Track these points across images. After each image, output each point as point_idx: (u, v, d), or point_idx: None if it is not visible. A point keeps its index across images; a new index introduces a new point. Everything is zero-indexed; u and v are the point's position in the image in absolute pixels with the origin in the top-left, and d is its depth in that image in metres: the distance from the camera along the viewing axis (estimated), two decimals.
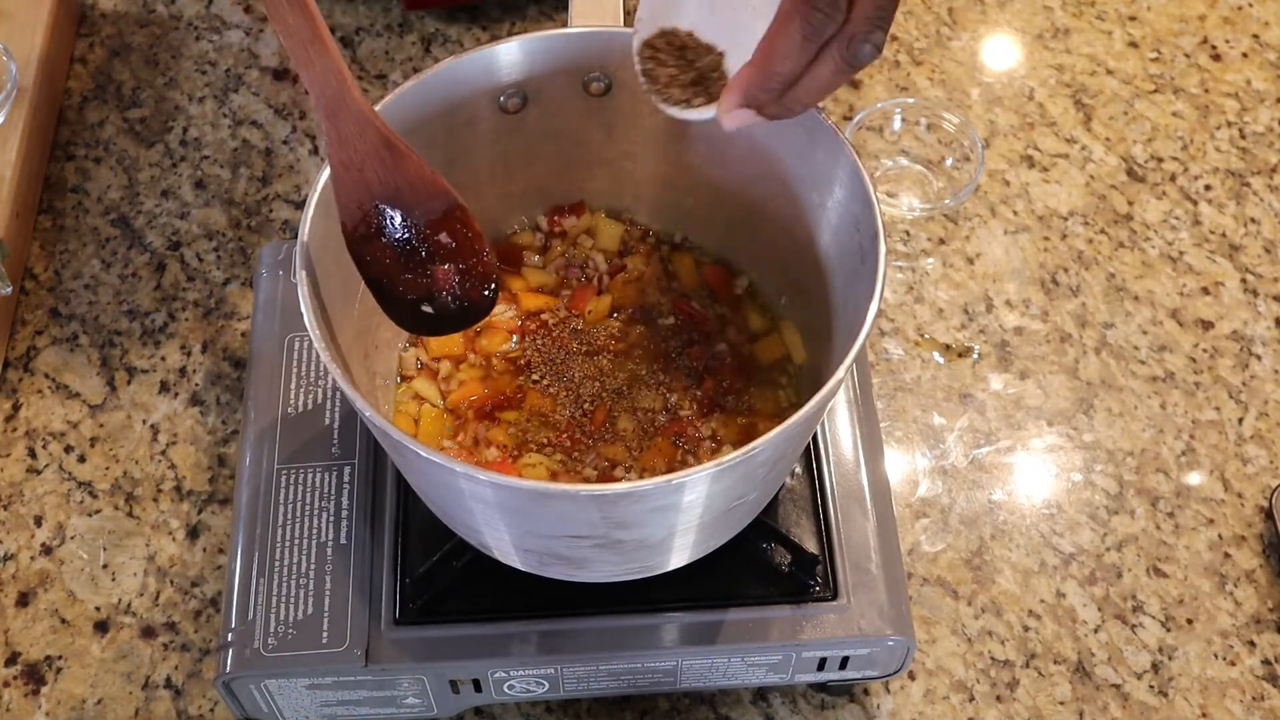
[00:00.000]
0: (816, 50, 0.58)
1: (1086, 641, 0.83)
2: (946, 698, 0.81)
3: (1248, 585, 0.85)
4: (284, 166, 1.02)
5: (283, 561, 0.74)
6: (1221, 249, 0.99)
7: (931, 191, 1.00)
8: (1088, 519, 0.87)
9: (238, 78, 1.07)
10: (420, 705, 0.75)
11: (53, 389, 0.92)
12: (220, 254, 0.98)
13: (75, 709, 0.80)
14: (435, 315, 0.69)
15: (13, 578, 0.84)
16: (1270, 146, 1.04)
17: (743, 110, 0.60)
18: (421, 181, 0.66)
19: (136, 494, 0.87)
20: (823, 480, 0.77)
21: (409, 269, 0.68)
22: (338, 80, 0.62)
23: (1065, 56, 1.09)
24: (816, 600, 0.73)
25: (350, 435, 0.78)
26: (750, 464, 0.61)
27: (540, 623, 0.73)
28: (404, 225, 0.67)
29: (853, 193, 0.68)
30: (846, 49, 0.57)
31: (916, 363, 0.93)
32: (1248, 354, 0.94)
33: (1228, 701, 0.81)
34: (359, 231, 0.67)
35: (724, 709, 0.80)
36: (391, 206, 0.67)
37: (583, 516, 0.62)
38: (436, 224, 0.68)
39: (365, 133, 0.64)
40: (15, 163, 0.95)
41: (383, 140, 0.64)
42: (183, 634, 0.83)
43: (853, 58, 0.58)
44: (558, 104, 0.76)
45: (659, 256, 0.83)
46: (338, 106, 0.63)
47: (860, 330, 0.62)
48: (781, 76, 0.59)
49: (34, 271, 0.97)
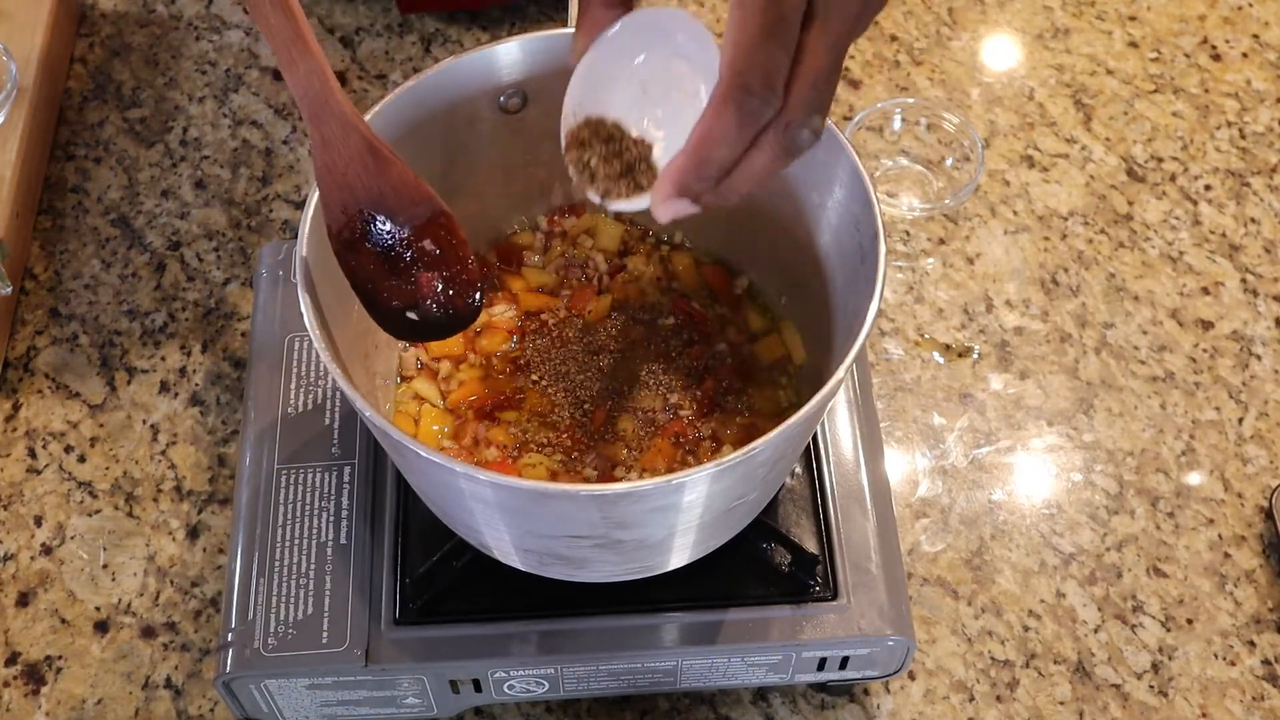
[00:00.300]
0: (753, 136, 0.55)
1: (1086, 641, 0.83)
2: (946, 698, 0.81)
3: (1248, 585, 0.85)
4: (284, 166, 1.02)
5: (283, 561, 0.74)
6: (1221, 249, 0.99)
7: (931, 191, 1.00)
8: (1088, 519, 0.87)
9: (238, 78, 1.07)
10: (420, 705, 0.75)
11: (53, 389, 0.92)
12: (220, 254, 0.98)
13: (75, 709, 0.80)
14: (420, 322, 0.68)
15: (13, 578, 0.84)
16: (1270, 146, 1.04)
17: (677, 200, 0.57)
18: (405, 187, 0.66)
19: (136, 494, 0.87)
20: (823, 480, 0.77)
21: (393, 275, 0.67)
22: (320, 82, 0.62)
23: (1065, 56, 1.09)
24: (816, 600, 0.73)
25: (350, 435, 0.78)
26: (750, 464, 0.61)
27: (540, 623, 0.73)
28: (388, 231, 0.67)
29: (853, 193, 0.68)
30: (784, 135, 0.55)
31: (916, 363, 0.93)
32: (1248, 354, 0.94)
33: (1228, 701, 0.81)
34: (344, 236, 0.66)
35: (724, 709, 0.80)
36: (375, 211, 0.66)
37: (583, 516, 0.62)
38: (421, 230, 0.67)
39: (349, 136, 0.64)
40: (15, 163, 0.95)
41: (366, 145, 0.64)
42: (183, 634, 0.83)
43: (790, 144, 0.55)
44: (558, 104, 0.75)
45: (659, 256, 0.83)
46: (321, 108, 0.63)
47: (860, 330, 0.62)
48: (717, 164, 0.55)
49: (34, 271, 0.97)
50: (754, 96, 0.53)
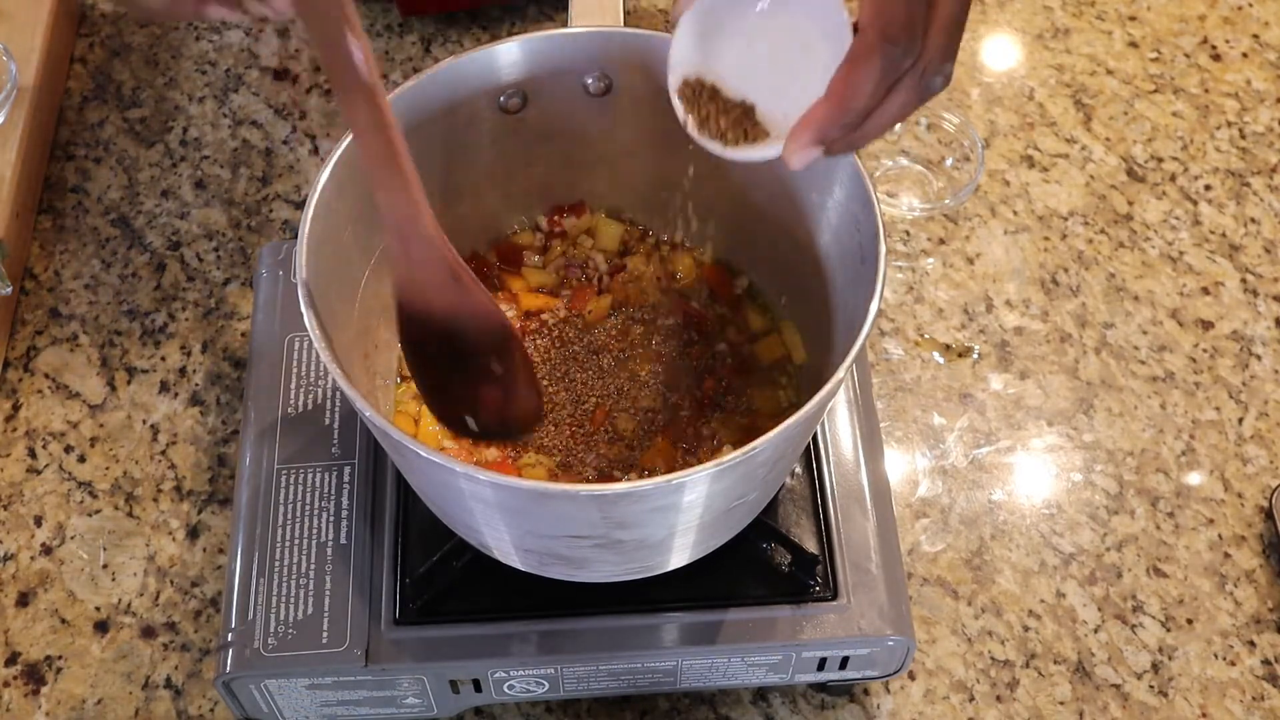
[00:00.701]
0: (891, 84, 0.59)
1: (1086, 641, 0.83)
2: (946, 698, 0.81)
3: (1248, 585, 0.85)
4: (284, 166, 1.02)
5: (283, 561, 0.74)
6: (1221, 249, 0.99)
7: (931, 191, 1.00)
8: (1088, 519, 0.87)
9: (238, 78, 1.07)
10: (420, 705, 0.75)
11: (53, 389, 0.92)
12: (220, 254, 0.98)
13: (75, 709, 0.80)
14: (476, 429, 0.70)
15: (13, 578, 0.84)
16: (1270, 146, 1.04)
17: (814, 148, 0.60)
18: (481, 311, 0.67)
19: (136, 494, 0.87)
20: (823, 480, 0.77)
21: (458, 385, 0.69)
22: (412, 205, 0.63)
23: (1065, 56, 1.09)
24: (816, 600, 0.73)
25: (350, 435, 0.78)
26: (750, 464, 0.61)
27: (540, 623, 0.73)
28: (458, 348, 0.68)
29: (853, 193, 0.68)
30: (920, 82, 0.58)
31: (916, 363, 0.93)
32: (1248, 354, 0.94)
33: (1228, 701, 0.81)
34: (414, 340, 0.68)
35: (724, 709, 0.80)
36: (449, 329, 0.67)
37: (583, 516, 0.62)
38: (490, 351, 0.69)
39: (435, 260, 0.65)
40: (15, 163, 0.95)
41: (450, 270, 0.65)
42: (183, 634, 0.83)
43: (924, 90, 0.59)
44: (558, 104, 0.76)
45: (659, 256, 0.83)
46: (410, 229, 0.64)
47: (860, 330, 0.62)
48: (856, 113, 0.59)
49: (34, 271, 0.97)
50: (897, 46, 0.57)
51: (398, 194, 0.62)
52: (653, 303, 0.81)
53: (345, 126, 0.64)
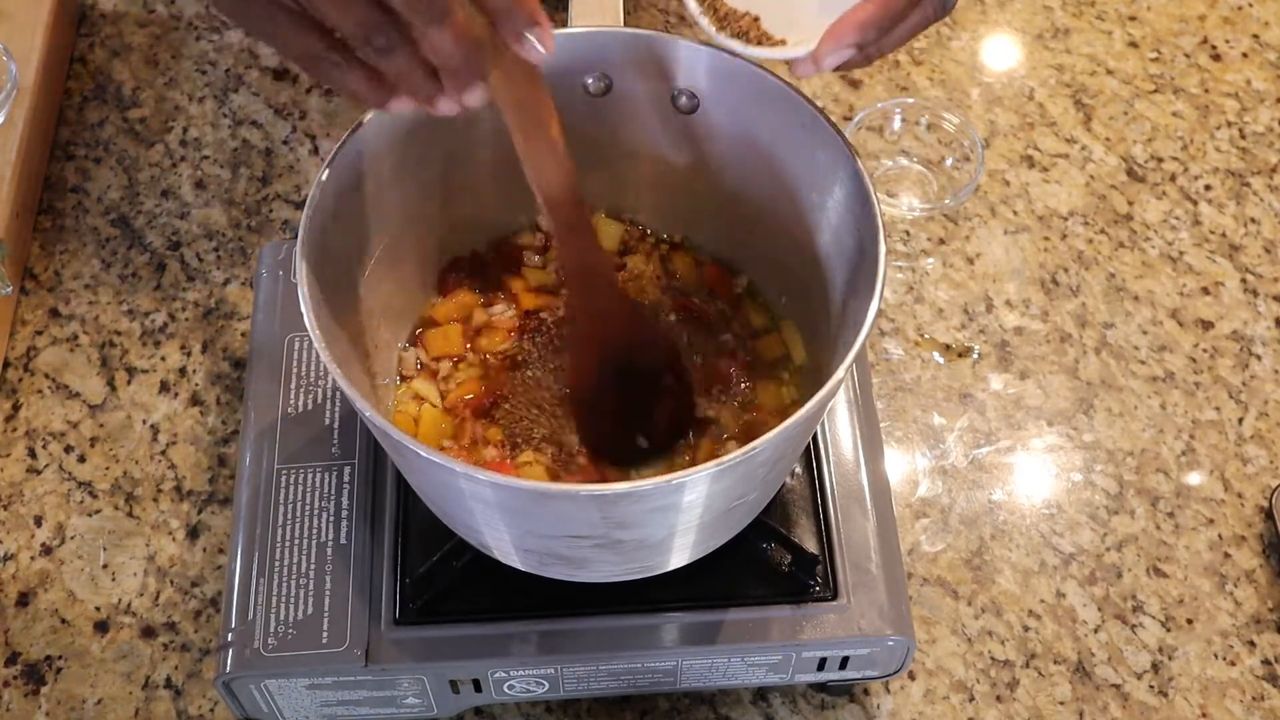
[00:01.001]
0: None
1: (1086, 641, 0.83)
2: (946, 698, 0.81)
3: (1248, 585, 0.85)
4: (284, 166, 1.02)
5: (283, 561, 0.74)
6: (1221, 249, 0.99)
7: (931, 191, 1.00)
8: (1088, 519, 0.87)
9: (238, 78, 1.06)
10: (420, 705, 0.75)
11: (53, 389, 0.92)
12: (220, 254, 0.98)
13: (75, 709, 0.80)
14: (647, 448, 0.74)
15: (13, 578, 0.84)
16: (1270, 146, 1.04)
17: (848, 50, 0.62)
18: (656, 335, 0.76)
19: (136, 494, 0.87)
20: (823, 480, 0.77)
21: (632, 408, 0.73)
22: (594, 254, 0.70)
23: (1065, 56, 1.09)
24: (816, 600, 0.73)
25: (350, 435, 0.78)
26: (750, 464, 0.61)
27: (540, 623, 0.73)
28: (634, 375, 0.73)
29: (853, 193, 0.68)
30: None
31: (916, 363, 0.93)
32: (1248, 354, 0.94)
33: (1228, 701, 0.81)
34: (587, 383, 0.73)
35: (724, 709, 0.80)
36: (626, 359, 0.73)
37: (583, 516, 0.62)
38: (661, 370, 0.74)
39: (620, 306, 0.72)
40: (15, 163, 0.95)
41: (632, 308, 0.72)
42: (183, 634, 0.83)
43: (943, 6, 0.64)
44: (557, 104, 0.75)
45: (659, 256, 0.83)
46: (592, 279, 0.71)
47: (860, 330, 0.62)
48: (893, 16, 0.62)
49: (34, 271, 0.97)
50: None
51: (581, 250, 0.68)
52: (653, 302, 0.81)
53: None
